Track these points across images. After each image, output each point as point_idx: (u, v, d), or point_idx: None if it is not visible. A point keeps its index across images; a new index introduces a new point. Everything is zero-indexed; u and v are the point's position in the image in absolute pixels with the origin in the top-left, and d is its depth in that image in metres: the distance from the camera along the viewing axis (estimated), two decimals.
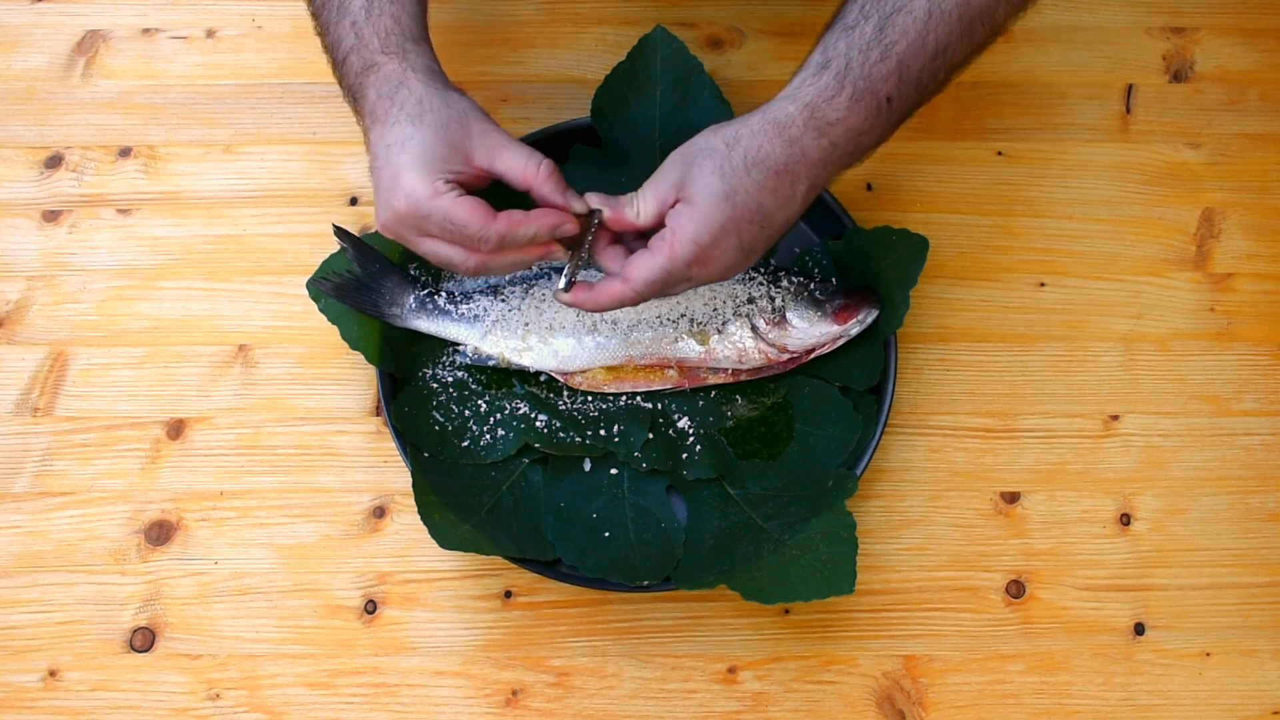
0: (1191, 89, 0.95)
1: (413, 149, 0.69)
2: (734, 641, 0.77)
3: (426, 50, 0.74)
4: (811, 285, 0.81)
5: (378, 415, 0.83)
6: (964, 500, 0.81)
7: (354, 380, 0.84)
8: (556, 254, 0.72)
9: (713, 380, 0.81)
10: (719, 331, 0.80)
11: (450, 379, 0.81)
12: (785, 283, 0.81)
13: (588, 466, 0.79)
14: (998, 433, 0.83)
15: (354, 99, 0.73)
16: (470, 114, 0.71)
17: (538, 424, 0.79)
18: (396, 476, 0.81)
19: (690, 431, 0.80)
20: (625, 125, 0.86)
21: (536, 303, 0.81)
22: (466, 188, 0.70)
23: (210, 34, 0.96)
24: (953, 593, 0.79)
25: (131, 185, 0.90)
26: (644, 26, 0.87)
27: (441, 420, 0.79)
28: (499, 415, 0.80)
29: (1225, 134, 0.93)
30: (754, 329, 0.80)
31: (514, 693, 0.76)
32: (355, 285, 0.79)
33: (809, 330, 0.80)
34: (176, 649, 0.77)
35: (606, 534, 0.76)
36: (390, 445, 0.82)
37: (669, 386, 0.81)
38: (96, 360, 0.85)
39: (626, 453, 0.78)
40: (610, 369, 0.81)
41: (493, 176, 0.71)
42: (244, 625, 0.77)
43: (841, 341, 0.80)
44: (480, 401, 0.80)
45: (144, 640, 0.77)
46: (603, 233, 0.72)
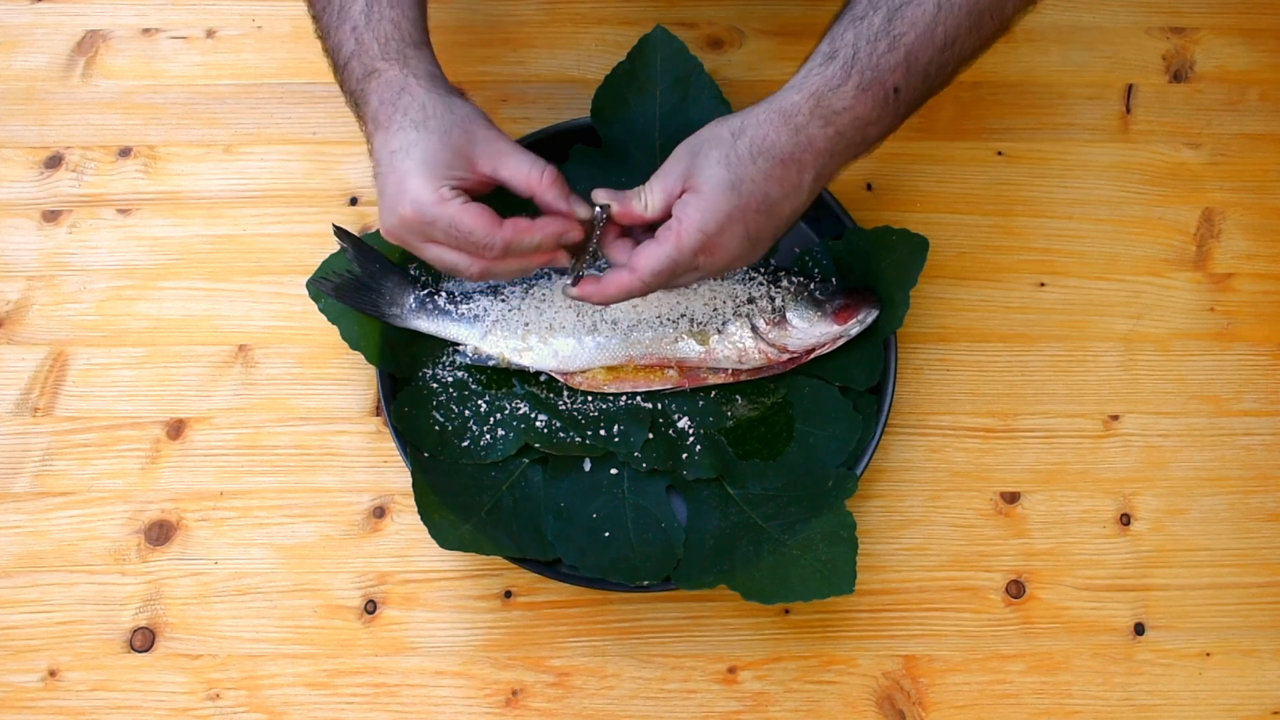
0: (1191, 89, 0.95)
1: (417, 155, 0.68)
2: (734, 641, 0.77)
3: (428, 55, 0.74)
4: (811, 285, 0.81)
5: (378, 415, 0.83)
6: (964, 500, 0.81)
7: (354, 380, 0.84)
8: (560, 260, 0.72)
9: (713, 380, 0.81)
10: (719, 331, 0.80)
11: (450, 379, 0.81)
12: (785, 283, 0.81)
13: (588, 466, 0.79)
14: (998, 433, 0.83)
15: (356, 104, 0.73)
16: (474, 120, 0.71)
17: (538, 424, 0.79)
18: (396, 476, 0.81)
19: (690, 431, 0.80)
20: (625, 125, 0.86)
21: (536, 303, 0.81)
22: (471, 194, 0.70)
23: (210, 34, 0.96)
24: (953, 593, 0.79)
25: (131, 185, 0.90)
26: (644, 26, 0.87)
27: (441, 420, 0.79)
28: (499, 415, 0.80)
29: (1225, 134, 0.93)
30: (754, 329, 0.80)
31: (514, 693, 0.76)
32: (355, 285, 0.79)
33: (809, 330, 0.80)
34: (176, 649, 0.77)
35: (606, 534, 0.76)
36: (390, 445, 0.82)
37: (669, 386, 0.81)
38: (96, 360, 0.85)
39: (626, 453, 0.78)
40: (610, 369, 0.81)
41: (496, 183, 0.71)
42: (244, 625, 0.77)
43: (841, 341, 0.80)
44: (480, 401, 0.80)
45: (144, 640, 0.77)
46: (611, 226, 0.72)
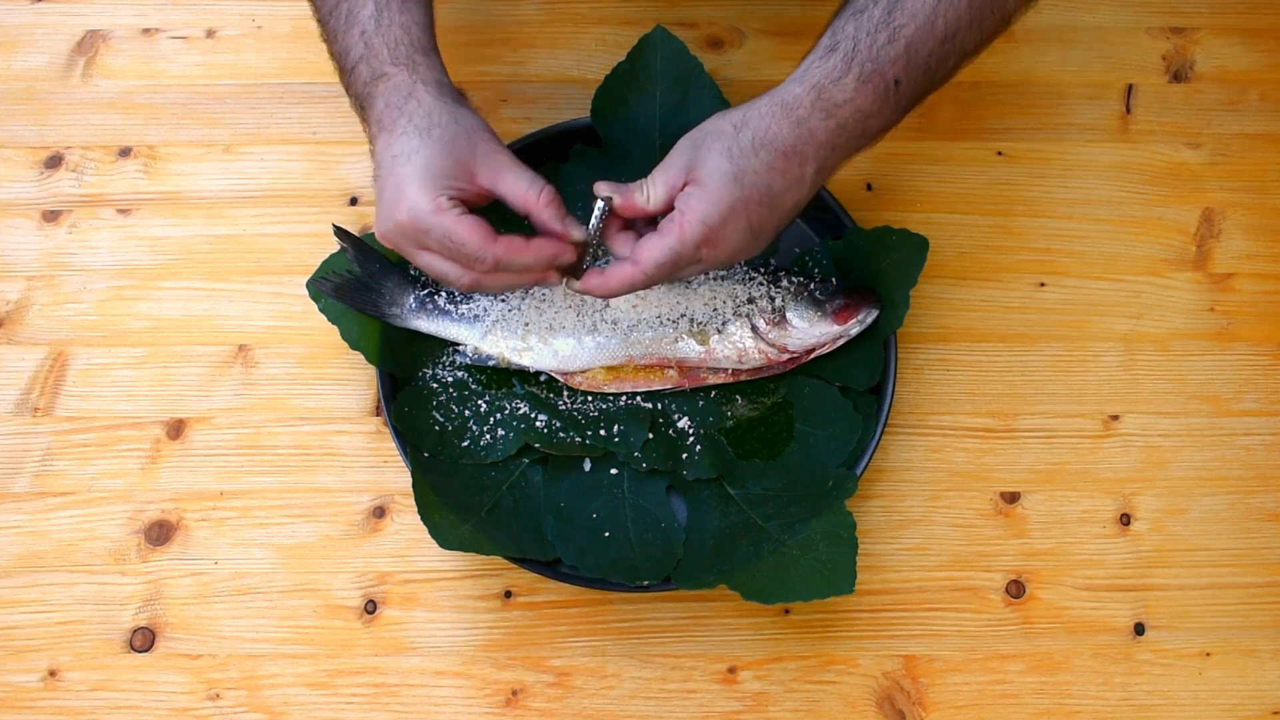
0: (1191, 89, 0.95)
1: (418, 162, 0.69)
2: (734, 641, 0.77)
3: (436, 63, 0.74)
4: (811, 285, 0.81)
5: (378, 415, 0.83)
6: (964, 500, 0.81)
7: (354, 380, 0.84)
8: (552, 279, 0.72)
9: (713, 380, 0.81)
10: (719, 331, 0.80)
11: (450, 379, 0.81)
12: (785, 283, 0.81)
13: (588, 466, 0.79)
14: (998, 433, 0.83)
15: (361, 107, 0.73)
16: (478, 132, 0.71)
17: (538, 424, 0.79)
18: (396, 476, 0.81)
19: (690, 431, 0.80)
20: (625, 125, 0.86)
21: (536, 303, 0.81)
22: (468, 205, 0.70)
23: (210, 34, 0.96)
24: (953, 593, 0.79)
25: (131, 185, 0.90)
26: (644, 26, 0.87)
27: (441, 420, 0.79)
28: (499, 415, 0.80)
29: (1225, 134, 0.93)
30: (754, 329, 0.80)
31: (514, 693, 0.76)
32: (355, 285, 0.79)
33: (809, 330, 0.80)
34: (176, 649, 0.77)
35: (606, 534, 0.76)
36: (390, 445, 0.82)
37: (669, 386, 0.81)
38: (96, 360, 0.85)
39: (626, 453, 0.78)
40: (610, 369, 0.81)
41: (494, 197, 0.71)
42: (244, 625, 0.77)
43: (841, 341, 0.80)
44: (480, 401, 0.80)
45: (144, 640, 0.77)
46: (613, 219, 0.72)
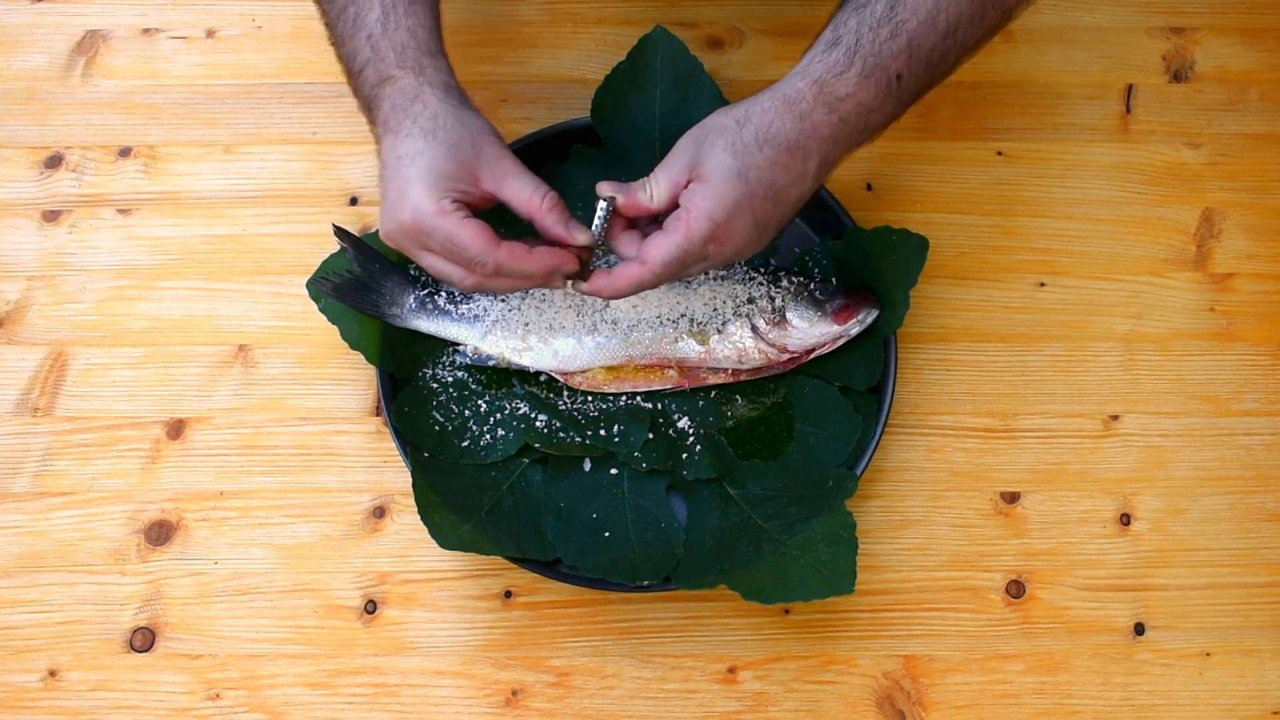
0: (1191, 89, 0.95)
1: (422, 164, 0.69)
2: (734, 641, 0.77)
3: (443, 65, 0.74)
4: (811, 285, 0.81)
5: (378, 415, 0.83)
6: (964, 500, 0.81)
7: (354, 380, 0.84)
8: (556, 283, 0.72)
9: (713, 380, 0.81)
10: (719, 331, 0.80)
11: (450, 379, 0.81)
12: (785, 283, 0.81)
13: (588, 466, 0.79)
14: (998, 433, 0.83)
15: (368, 109, 0.73)
16: (483, 135, 0.71)
17: (538, 424, 0.79)
18: (396, 476, 0.81)
19: (690, 431, 0.80)
20: (625, 125, 0.86)
21: (536, 303, 0.81)
22: (472, 208, 0.70)
23: (210, 34, 0.96)
24: (953, 593, 0.79)
25: (131, 185, 0.90)
26: (644, 26, 0.87)
27: (441, 420, 0.79)
28: (499, 415, 0.80)
29: (1225, 134, 0.93)
30: (754, 329, 0.80)
31: (514, 693, 0.76)
32: (355, 285, 0.79)
33: (809, 330, 0.80)
34: (176, 649, 0.77)
35: (606, 534, 0.76)
36: (390, 445, 0.82)
37: (669, 386, 0.81)
38: (96, 360, 0.85)
39: (626, 453, 0.78)
40: (610, 369, 0.81)
41: (498, 200, 0.71)
42: (244, 625, 0.77)
43: (841, 341, 0.80)
44: (480, 401, 0.80)
45: (144, 640, 0.77)
46: (617, 219, 0.72)
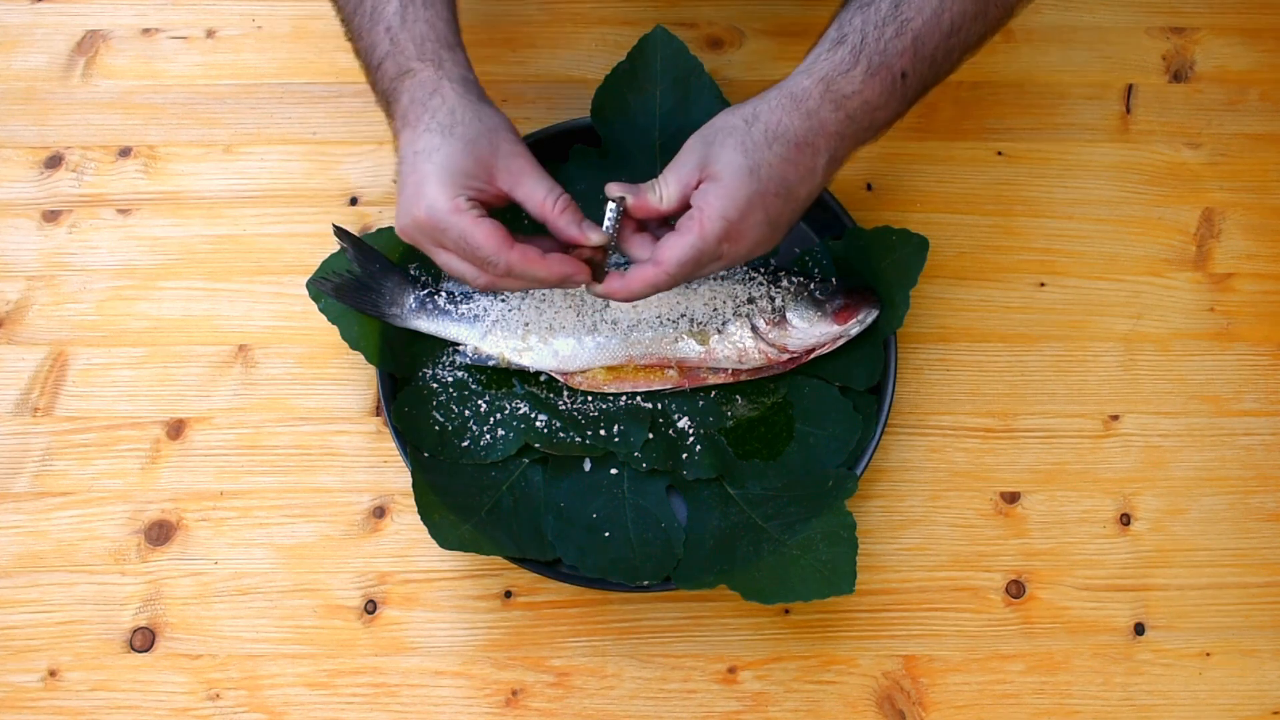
0: (1191, 89, 0.95)
1: (439, 160, 0.69)
2: (734, 641, 0.77)
3: (462, 58, 0.74)
4: (811, 285, 0.81)
5: (378, 415, 0.83)
6: (964, 500, 0.81)
7: (354, 380, 0.84)
8: (571, 283, 0.71)
9: (713, 380, 0.81)
10: (719, 331, 0.80)
11: (450, 379, 0.81)
12: (785, 283, 0.81)
13: (588, 466, 0.79)
14: (998, 433, 0.83)
15: (387, 103, 0.73)
16: (500, 132, 0.71)
17: (538, 424, 0.79)
18: (396, 476, 0.81)
19: (690, 431, 0.80)
20: (625, 125, 0.86)
21: (536, 303, 0.81)
22: (487, 206, 0.70)
23: (210, 34, 0.96)
24: (953, 593, 0.79)
25: (131, 185, 0.90)
26: (644, 26, 0.87)
27: (441, 420, 0.79)
28: (499, 415, 0.80)
29: (1225, 134, 0.93)
30: (754, 329, 0.80)
31: (514, 693, 0.76)
32: (355, 285, 0.79)
33: (809, 330, 0.80)
34: (176, 649, 0.77)
35: (606, 534, 0.76)
36: (390, 445, 0.82)
37: (669, 386, 0.81)
38: (96, 360, 0.85)
39: (626, 453, 0.78)
40: (610, 369, 0.81)
41: (513, 200, 0.71)
42: (244, 625, 0.77)
43: (841, 341, 0.80)
44: (480, 401, 0.80)
45: (144, 640, 0.77)
46: (627, 222, 0.72)
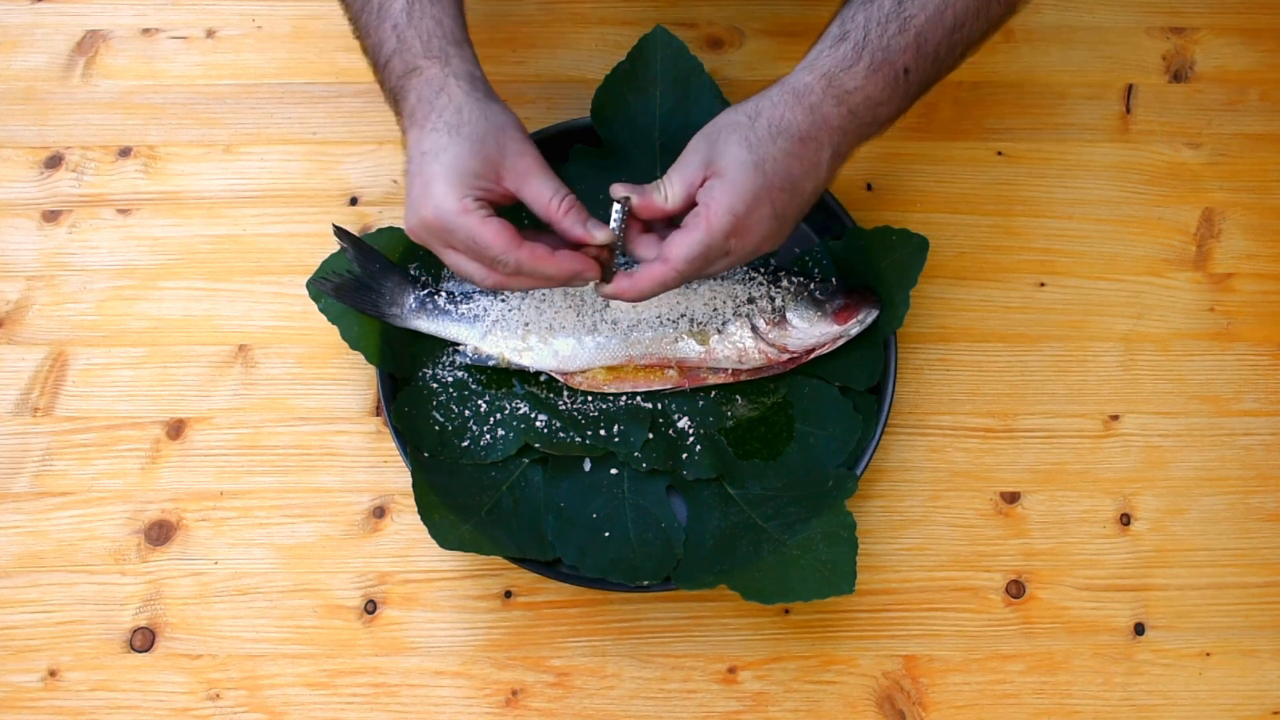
0: (1191, 89, 0.95)
1: (446, 160, 0.69)
2: (734, 641, 0.77)
3: (469, 55, 0.74)
4: (811, 285, 0.81)
5: (378, 415, 0.83)
6: (964, 500, 0.81)
7: (354, 380, 0.84)
8: (580, 280, 0.71)
9: (713, 380, 0.81)
10: (719, 331, 0.80)
11: (450, 379, 0.81)
12: (785, 283, 0.81)
13: (588, 466, 0.79)
14: (998, 433, 0.83)
15: (395, 101, 0.74)
16: (507, 130, 0.71)
17: (538, 424, 0.79)
18: (396, 476, 0.81)
19: (690, 431, 0.80)
20: (625, 125, 0.86)
21: (536, 303, 0.81)
22: (495, 205, 0.70)
23: (210, 34, 0.96)
24: (953, 593, 0.79)
25: (131, 185, 0.90)
26: (644, 26, 0.87)
27: (441, 420, 0.79)
28: (499, 415, 0.80)
29: (1225, 134, 0.93)
30: (754, 329, 0.80)
31: (514, 693, 0.76)
32: (355, 285, 0.79)
33: (809, 330, 0.80)
34: (176, 649, 0.77)
35: (606, 534, 0.76)
36: (390, 445, 0.82)
37: (669, 386, 0.81)
38: (96, 360, 0.85)
39: (626, 453, 0.78)
40: (610, 369, 0.81)
41: (519, 200, 0.71)
42: (244, 625, 0.77)
43: (841, 341, 0.80)
44: (480, 401, 0.80)
45: (144, 640, 0.77)
46: (633, 222, 0.72)
